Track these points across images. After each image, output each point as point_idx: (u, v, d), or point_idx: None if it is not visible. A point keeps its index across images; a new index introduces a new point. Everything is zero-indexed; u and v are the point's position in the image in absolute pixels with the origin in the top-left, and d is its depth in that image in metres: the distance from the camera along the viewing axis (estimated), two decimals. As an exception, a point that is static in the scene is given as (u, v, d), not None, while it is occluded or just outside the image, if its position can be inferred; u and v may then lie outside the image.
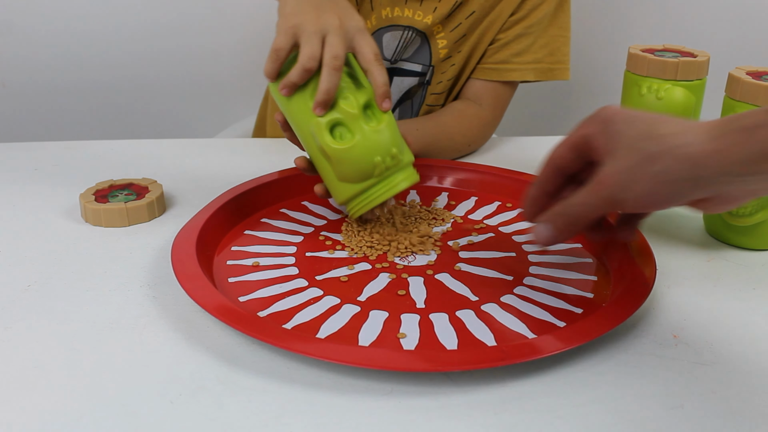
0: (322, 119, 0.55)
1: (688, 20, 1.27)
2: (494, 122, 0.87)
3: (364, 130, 0.56)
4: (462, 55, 0.85)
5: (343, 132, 0.56)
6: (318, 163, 0.59)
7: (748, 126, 0.40)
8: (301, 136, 0.59)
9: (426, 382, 0.43)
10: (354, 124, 0.56)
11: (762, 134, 0.40)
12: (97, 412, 0.40)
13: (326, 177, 0.59)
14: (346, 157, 0.56)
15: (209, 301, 0.47)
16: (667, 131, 0.43)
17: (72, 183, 0.71)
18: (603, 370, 0.44)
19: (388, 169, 0.57)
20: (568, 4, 0.86)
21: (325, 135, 0.55)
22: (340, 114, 0.56)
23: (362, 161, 0.56)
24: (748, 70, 0.60)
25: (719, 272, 0.57)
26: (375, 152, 0.56)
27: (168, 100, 1.39)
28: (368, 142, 0.56)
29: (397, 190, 0.58)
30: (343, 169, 0.56)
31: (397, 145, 0.57)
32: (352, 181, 0.57)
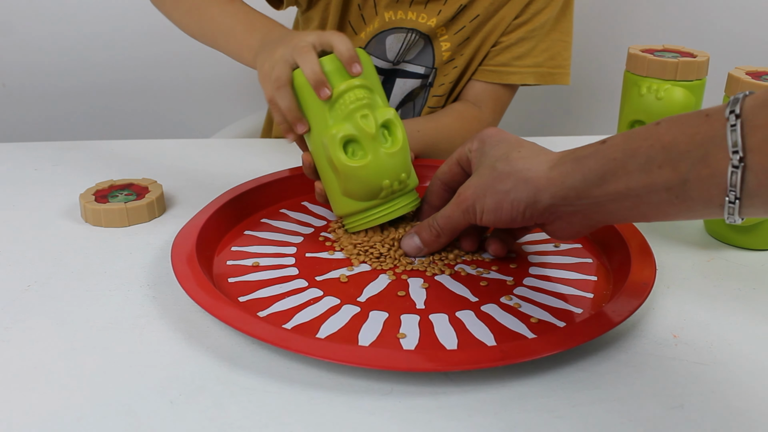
0: (337, 134, 0.54)
1: (687, 20, 1.27)
2: (493, 124, 0.88)
3: (377, 152, 0.55)
4: (465, 57, 0.85)
5: (356, 149, 0.55)
6: (324, 173, 0.58)
7: (579, 156, 0.45)
8: (312, 143, 0.58)
9: (426, 382, 0.43)
10: (368, 144, 0.55)
11: (589, 163, 0.44)
12: (97, 412, 0.40)
13: (329, 187, 0.59)
14: (355, 176, 0.55)
15: (209, 301, 0.47)
16: (519, 156, 0.49)
17: (72, 183, 0.71)
18: (603, 370, 0.44)
19: (393, 192, 0.57)
20: (571, 9, 0.86)
21: (338, 150, 0.54)
22: (357, 131, 0.54)
23: (371, 182, 0.55)
24: (747, 70, 0.60)
25: (719, 272, 0.57)
26: (385, 175, 0.55)
27: (168, 101, 1.39)
28: (380, 164, 0.55)
29: (397, 214, 0.58)
30: (349, 186, 0.56)
31: (406, 170, 0.57)
32: (356, 198, 0.57)
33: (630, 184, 0.41)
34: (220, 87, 1.39)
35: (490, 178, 0.49)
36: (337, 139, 0.54)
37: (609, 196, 0.43)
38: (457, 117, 0.84)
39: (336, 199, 0.58)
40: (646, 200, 0.41)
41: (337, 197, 0.58)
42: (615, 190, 0.42)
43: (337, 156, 0.54)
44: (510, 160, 0.48)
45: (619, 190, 0.42)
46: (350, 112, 0.54)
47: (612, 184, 0.42)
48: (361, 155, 0.55)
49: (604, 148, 0.43)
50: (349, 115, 0.54)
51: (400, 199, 0.58)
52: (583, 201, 0.44)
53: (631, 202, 0.42)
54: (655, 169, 0.40)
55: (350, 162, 0.54)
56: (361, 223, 0.58)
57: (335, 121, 0.55)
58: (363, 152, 0.55)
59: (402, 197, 0.58)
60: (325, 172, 0.57)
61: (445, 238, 0.55)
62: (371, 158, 0.55)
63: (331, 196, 0.59)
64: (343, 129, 0.54)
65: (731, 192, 0.37)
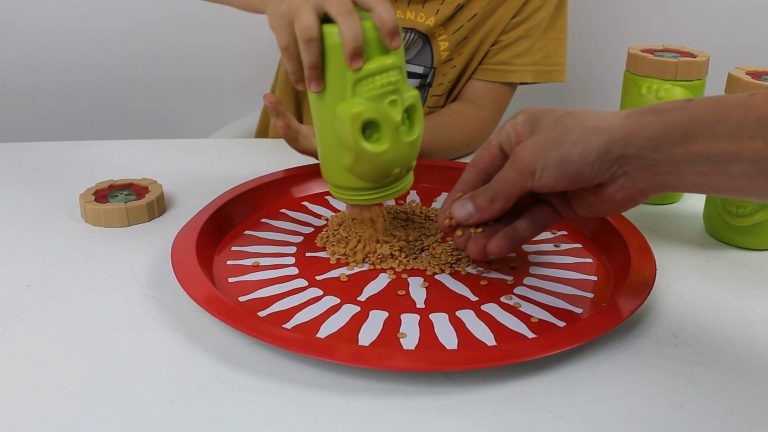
0: (360, 114, 0.50)
1: (687, 20, 1.27)
2: (493, 122, 0.88)
3: (398, 141, 0.52)
4: (463, 57, 0.85)
5: (373, 132, 0.51)
6: (325, 139, 0.54)
7: (661, 109, 0.42)
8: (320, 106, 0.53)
9: (426, 382, 0.43)
10: (389, 131, 0.51)
11: (672, 117, 0.42)
12: (97, 412, 0.40)
13: (327, 154, 0.55)
14: (369, 160, 0.52)
15: (209, 301, 0.47)
16: (584, 111, 0.46)
17: (72, 183, 0.71)
18: (603, 370, 0.44)
19: (397, 178, 0.55)
20: (565, 8, 0.87)
21: (357, 130, 0.50)
22: (380, 117, 0.50)
23: (382, 168, 0.53)
24: (747, 70, 0.60)
25: (719, 272, 0.57)
26: (397, 164, 0.53)
27: (168, 101, 1.39)
28: (396, 153, 0.52)
29: (394, 196, 0.56)
30: (358, 167, 0.52)
31: (416, 157, 0.55)
32: (360, 177, 0.54)
33: (713, 149, 0.39)
34: (221, 87, 1.39)
35: (553, 134, 0.46)
36: (360, 119, 0.50)
37: (687, 156, 0.41)
38: (456, 116, 0.84)
39: (333, 169, 0.55)
40: (726, 170, 0.39)
41: (336, 168, 0.54)
42: (696, 151, 0.40)
43: (354, 136, 0.50)
44: (575, 114, 0.46)
45: (700, 152, 0.40)
46: (379, 95, 0.50)
47: (694, 144, 0.40)
48: (378, 140, 0.51)
49: (690, 106, 0.41)
50: (377, 98, 0.50)
51: (398, 182, 0.56)
52: (659, 156, 0.42)
53: (708, 168, 0.40)
54: (745, 138, 0.38)
55: (368, 146, 0.51)
56: (354, 198, 0.56)
57: (358, 97, 0.50)
58: (381, 137, 0.51)
59: (399, 181, 0.56)
60: (327, 139, 0.54)
61: (498, 204, 0.50)
62: (389, 146, 0.51)
63: (327, 162, 0.55)
64: (368, 110, 0.50)
65: None
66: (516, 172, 0.47)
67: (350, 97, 0.50)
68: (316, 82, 0.52)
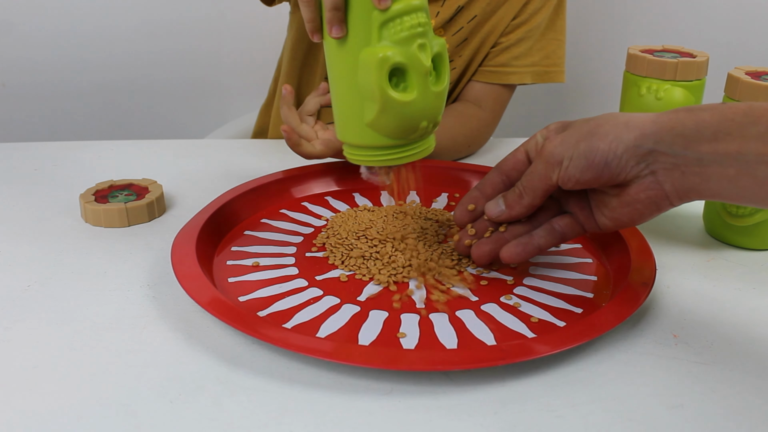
0: (388, 58, 0.46)
1: (687, 20, 1.27)
2: (493, 124, 0.88)
3: (426, 90, 0.48)
4: (463, 59, 0.86)
5: (400, 80, 0.48)
6: (343, 92, 0.50)
7: (693, 108, 0.43)
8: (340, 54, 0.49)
9: (426, 382, 0.43)
10: (418, 79, 0.47)
11: (704, 116, 0.42)
12: (97, 412, 0.40)
13: (345, 110, 0.51)
14: (396, 111, 0.48)
15: (209, 301, 0.47)
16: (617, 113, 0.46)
17: (72, 183, 0.71)
18: (603, 370, 0.44)
19: (422, 136, 0.51)
20: (564, 9, 0.88)
21: (384, 76, 0.46)
22: (409, 62, 0.46)
23: (410, 120, 0.49)
24: (747, 70, 0.60)
25: (719, 272, 0.57)
26: (425, 115, 0.49)
27: (168, 101, 1.39)
28: (425, 104, 0.48)
29: (418, 156, 0.52)
30: (384, 120, 0.48)
31: (441, 112, 0.52)
32: (383, 133, 0.49)
33: (743, 149, 0.40)
34: (221, 87, 1.39)
35: (584, 128, 0.46)
36: (388, 64, 0.46)
37: (716, 156, 0.41)
38: (457, 116, 0.84)
39: (352, 127, 0.51)
40: (754, 172, 0.40)
41: (354, 125, 0.50)
42: (725, 151, 0.40)
43: (381, 84, 0.47)
44: (607, 114, 0.46)
45: (730, 152, 0.40)
46: (407, 37, 0.46)
47: (724, 143, 0.40)
48: (405, 88, 0.48)
49: (722, 107, 0.42)
50: (405, 41, 0.46)
51: (424, 141, 0.52)
52: (688, 153, 0.42)
53: (736, 170, 0.40)
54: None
55: (396, 94, 0.47)
56: (374, 159, 0.52)
57: (385, 41, 0.47)
58: (409, 85, 0.48)
59: (425, 139, 0.52)
60: (347, 92, 0.50)
61: (527, 199, 0.50)
62: (417, 95, 0.48)
63: (344, 119, 0.51)
64: (396, 54, 0.46)
65: None
66: (543, 162, 0.48)
67: (376, 42, 0.47)
68: (338, 25, 0.47)
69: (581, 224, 0.51)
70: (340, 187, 0.71)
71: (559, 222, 0.52)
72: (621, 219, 0.48)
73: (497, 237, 0.53)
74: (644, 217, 0.47)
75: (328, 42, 0.50)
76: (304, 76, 0.92)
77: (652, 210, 0.46)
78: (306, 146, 0.67)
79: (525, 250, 0.51)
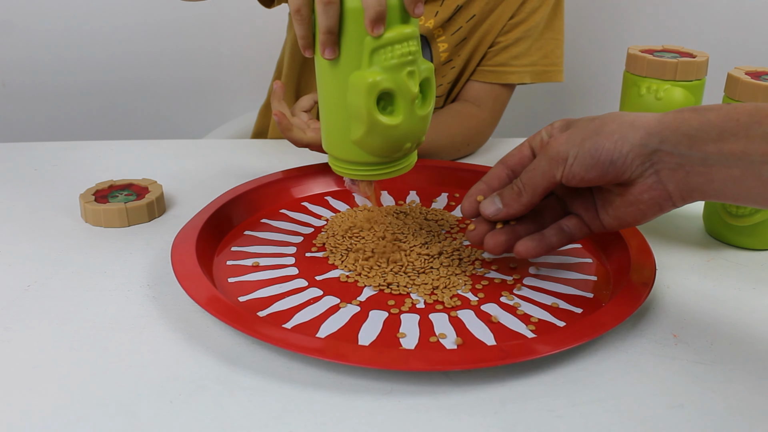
0: (377, 83, 0.47)
1: (687, 20, 1.27)
2: (493, 123, 0.88)
3: (412, 114, 0.49)
4: (462, 57, 0.86)
5: (387, 104, 0.49)
6: (331, 110, 0.52)
7: (699, 108, 0.43)
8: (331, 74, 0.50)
9: (426, 382, 0.43)
10: (404, 104, 0.49)
11: (709, 116, 0.42)
12: (97, 412, 0.40)
13: (333, 126, 0.52)
14: (382, 133, 0.49)
15: (209, 301, 0.47)
16: (623, 112, 0.46)
17: (72, 183, 0.71)
18: (603, 370, 0.44)
19: (406, 154, 0.53)
20: (561, 8, 0.88)
21: (372, 100, 0.48)
22: (397, 88, 0.48)
23: (395, 142, 0.50)
24: (747, 70, 0.60)
25: (719, 272, 0.57)
26: (409, 138, 0.51)
27: (168, 101, 1.39)
28: (410, 127, 0.50)
29: (400, 172, 0.54)
30: (369, 140, 0.50)
31: (425, 133, 0.53)
32: (369, 151, 0.51)
33: (748, 149, 0.40)
34: (221, 87, 1.39)
35: (590, 126, 0.46)
36: (377, 90, 0.48)
37: (721, 156, 0.41)
38: (456, 116, 0.84)
39: (338, 142, 0.52)
40: (758, 172, 0.40)
41: (340, 140, 0.52)
42: (730, 151, 0.41)
43: (369, 107, 0.48)
44: (612, 113, 0.46)
45: (734, 152, 0.41)
46: (397, 65, 0.48)
47: (729, 143, 0.41)
48: (392, 112, 0.49)
49: (728, 108, 0.42)
50: (395, 68, 0.48)
51: (405, 158, 0.54)
52: (693, 153, 0.42)
53: (741, 170, 0.40)
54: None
55: (383, 118, 0.49)
56: (356, 173, 0.53)
57: (375, 66, 0.48)
58: (396, 109, 0.49)
59: (406, 157, 0.54)
60: (335, 110, 0.51)
61: (526, 197, 0.49)
62: (403, 119, 0.49)
63: (331, 134, 0.53)
64: (385, 80, 0.47)
65: None
66: (547, 160, 0.47)
67: (366, 66, 0.48)
68: (331, 48, 0.48)
69: (587, 225, 0.51)
70: (340, 187, 0.71)
71: (567, 223, 0.52)
72: (624, 218, 0.48)
73: (512, 229, 0.52)
74: (647, 217, 0.47)
75: (319, 60, 0.51)
76: (303, 77, 0.92)
77: (655, 210, 0.46)
78: (297, 132, 0.67)
79: (540, 245, 0.51)
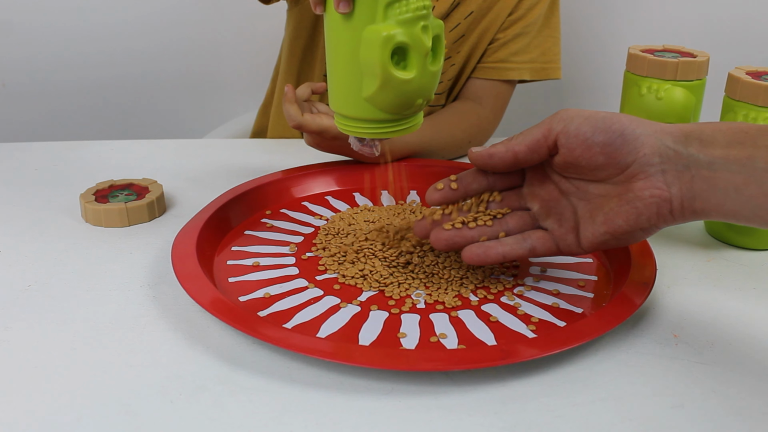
0: (392, 37, 0.47)
1: (687, 20, 1.27)
2: (495, 121, 0.88)
3: (424, 69, 0.49)
4: (462, 55, 0.86)
5: (400, 59, 0.49)
6: (342, 66, 0.51)
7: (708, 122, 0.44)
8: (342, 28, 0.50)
9: (426, 382, 0.43)
10: (418, 58, 0.49)
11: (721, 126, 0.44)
12: (97, 412, 0.40)
13: (343, 83, 0.52)
14: (395, 88, 0.49)
15: (209, 301, 0.47)
16: None
17: (72, 183, 0.71)
18: (603, 370, 0.44)
19: (415, 112, 0.52)
20: (557, 6, 0.89)
21: (387, 54, 0.47)
22: (412, 42, 0.48)
23: (407, 97, 0.50)
24: (747, 70, 0.60)
25: (719, 272, 0.57)
26: (421, 93, 0.50)
27: (168, 100, 1.39)
28: (423, 81, 0.50)
29: (408, 131, 0.53)
30: (382, 95, 0.49)
31: (435, 90, 0.52)
32: (380, 107, 0.50)
33: (754, 155, 0.41)
34: (221, 87, 1.39)
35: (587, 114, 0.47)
36: (392, 43, 0.47)
37: (728, 161, 0.42)
38: (458, 114, 0.85)
39: (348, 99, 0.52)
40: (760, 180, 0.41)
41: (351, 98, 0.51)
42: (736, 157, 0.42)
43: (383, 62, 0.48)
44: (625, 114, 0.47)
45: (740, 158, 0.41)
46: (411, 19, 0.48)
47: (736, 149, 0.42)
48: (405, 67, 0.49)
49: (737, 123, 0.43)
50: (409, 22, 0.48)
51: (413, 117, 0.53)
52: (701, 156, 0.43)
53: (743, 177, 0.41)
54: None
55: (397, 73, 0.48)
56: (365, 131, 0.53)
57: (389, 20, 0.48)
58: (409, 64, 0.49)
59: (415, 115, 0.53)
60: (345, 65, 0.51)
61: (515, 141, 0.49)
62: (417, 73, 0.49)
63: (341, 92, 0.52)
64: (400, 34, 0.47)
65: None
66: (540, 128, 0.48)
67: (381, 20, 0.48)
68: (345, 1, 0.48)
69: (556, 241, 0.50)
70: (340, 186, 0.71)
71: (531, 235, 0.50)
72: (615, 221, 0.46)
73: (460, 231, 0.51)
74: (640, 220, 0.46)
75: (330, 15, 0.50)
76: (302, 73, 0.93)
77: (651, 214, 0.45)
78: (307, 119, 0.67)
79: (486, 254, 0.50)
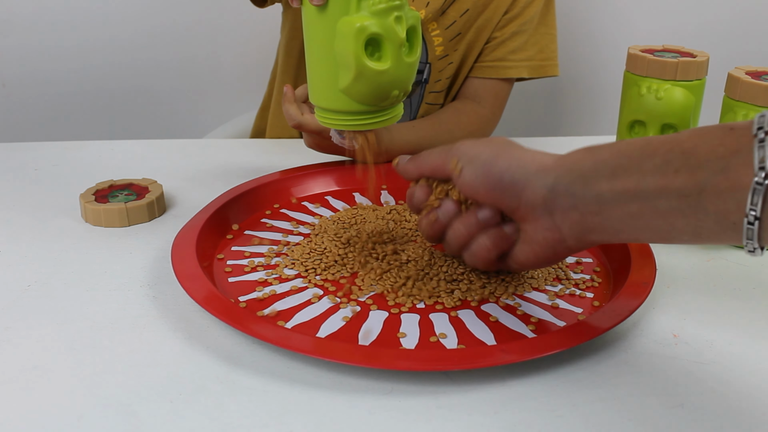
0: (365, 28, 0.47)
1: (687, 20, 1.27)
2: (494, 119, 0.88)
3: (399, 60, 0.50)
4: (459, 53, 0.86)
5: (375, 50, 0.49)
6: (318, 58, 0.52)
7: (592, 148, 0.43)
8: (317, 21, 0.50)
9: (426, 382, 0.43)
10: (392, 49, 0.49)
11: (602, 154, 0.42)
12: (97, 412, 0.40)
13: (319, 75, 0.52)
14: (370, 80, 0.49)
15: (209, 300, 0.47)
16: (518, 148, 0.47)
17: (72, 183, 0.71)
18: (603, 370, 0.44)
19: (393, 104, 0.53)
20: (553, 3, 0.89)
21: (360, 46, 0.48)
22: (385, 33, 0.48)
23: (382, 89, 0.50)
24: (747, 70, 0.60)
25: (719, 272, 0.57)
26: (396, 85, 0.51)
27: (167, 101, 1.39)
28: (398, 73, 0.50)
29: (387, 123, 0.54)
30: (357, 87, 0.50)
31: (412, 82, 0.53)
32: (356, 99, 0.51)
33: (641, 185, 0.39)
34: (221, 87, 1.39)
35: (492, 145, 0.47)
36: (365, 34, 0.48)
37: (616, 194, 0.40)
38: (457, 114, 0.85)
39: (325, 91, 0.52)
40: (655, 206, 0.39)
41: (328, 90, 0.52)
42: (624, 188, 0.40)
43: (357, 53, 0.48)
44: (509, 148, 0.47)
45: (629, 188, 0.40)
46: (384, 10, 0.48)
47: (622, 180, 0.40)
48: (380, 58, 0.49)
49: (619, 145, 0.42)
50: (382, 13, 0.48)
51: (392, 109, 0.54)
52: (587, 192, 0.41)
53: (637, 206, 0.40)
54: (671, 172, 0.38)
55: (371, 63, 0.49)
56: (344, 124, 0.53)
57: (363, 11, 0.48)
58: (384, 55, 0.49)
59: (393, 108, 0.54)
60: (323, 58, 0.51)
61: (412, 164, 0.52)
62: (391, 64, 0.49)
63: (319, 84, 0.53)
64: (373, 25, 0.48)
65: (751, 212, 0.35)
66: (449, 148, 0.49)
67: (354, 11, 0.48)
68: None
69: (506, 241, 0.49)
70: (340, 186, 0.71)
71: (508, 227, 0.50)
72: (519, 257, 0.48)
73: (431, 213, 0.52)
74: (540, 260, 0.46)
75: (306, 8, 0.51)
76: (300, 74, 0.93)
77: (548, 254, 0.46)
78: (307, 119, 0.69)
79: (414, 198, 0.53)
